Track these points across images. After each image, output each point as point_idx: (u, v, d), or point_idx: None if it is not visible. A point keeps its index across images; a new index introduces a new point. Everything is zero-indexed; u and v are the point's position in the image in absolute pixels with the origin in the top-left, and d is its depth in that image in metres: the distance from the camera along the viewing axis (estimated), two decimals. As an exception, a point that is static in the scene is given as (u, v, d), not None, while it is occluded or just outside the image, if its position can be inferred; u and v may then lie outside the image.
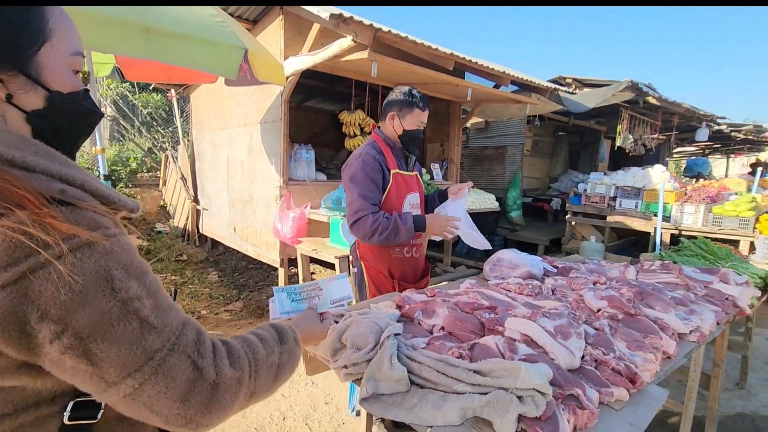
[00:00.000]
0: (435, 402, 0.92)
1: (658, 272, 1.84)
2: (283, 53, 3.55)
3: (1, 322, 0.43)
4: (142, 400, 0.48)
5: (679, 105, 6.20)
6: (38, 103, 0.54)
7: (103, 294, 0.46)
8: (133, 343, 0.48)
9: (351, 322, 1.17)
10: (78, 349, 0.45)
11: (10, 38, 0.51)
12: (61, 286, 0.43)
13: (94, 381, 0.47)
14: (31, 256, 0.43)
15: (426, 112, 1.83)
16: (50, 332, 0.44)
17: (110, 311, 0.46)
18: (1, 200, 0.43)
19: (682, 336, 1.30)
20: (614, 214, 5.44)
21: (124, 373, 0.47)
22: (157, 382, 0.48)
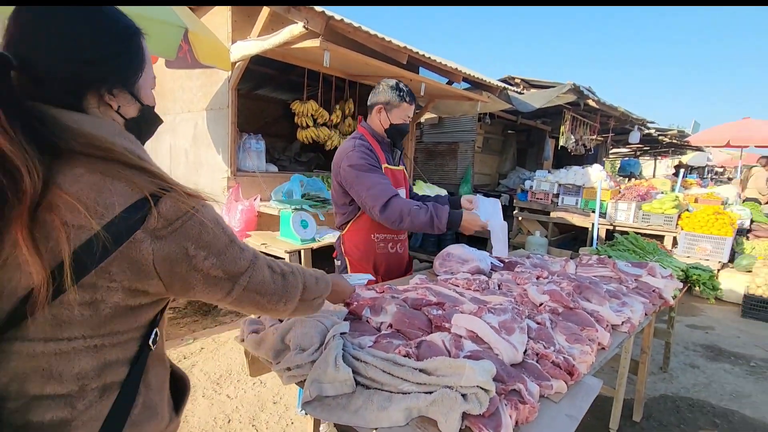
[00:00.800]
0: (380, 403, 0.90)
1: (595, 266, 1.95)
2: (230, 36, 3.36)
3: (171, 253, 0.64)
4: (254, 287, 0.76)
5: (615, 108, 6.64)
6: (133, 113, 0.74)
7: (221, 231, 0.70)
8: (240, 257, 0.73)
9: (295, 322, 1.12)
10: (218, 264, 0.69)
11: (129, 66, 0.71)
12: (201, 228, 0.66)
13: (227, 282, 0.72)
14: (186, 213, 0.64)
15: (412, 106, 1.83)
16: (203, 256, 0.67)
17: (225, 241, 0.70)
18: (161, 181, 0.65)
19: (615, 327, 1.37)
20: (557, 210, 5.74)
21: (241, 272, 0.73)
22: (257, 275, 0.76)
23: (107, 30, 0.67)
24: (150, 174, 0.64)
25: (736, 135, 7.88)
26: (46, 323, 0.58)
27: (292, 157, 5.82)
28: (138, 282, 0.63)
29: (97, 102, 0.67)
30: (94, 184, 0.59)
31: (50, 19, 0.62)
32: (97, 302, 0.60)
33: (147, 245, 0.61)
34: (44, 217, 0.56)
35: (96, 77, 0.66)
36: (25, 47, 0.61)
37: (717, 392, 2.76)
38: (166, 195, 0.62)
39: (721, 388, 2.82)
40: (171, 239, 0.63)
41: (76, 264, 0.57)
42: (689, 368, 3.08)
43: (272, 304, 0.81)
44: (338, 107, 4.51)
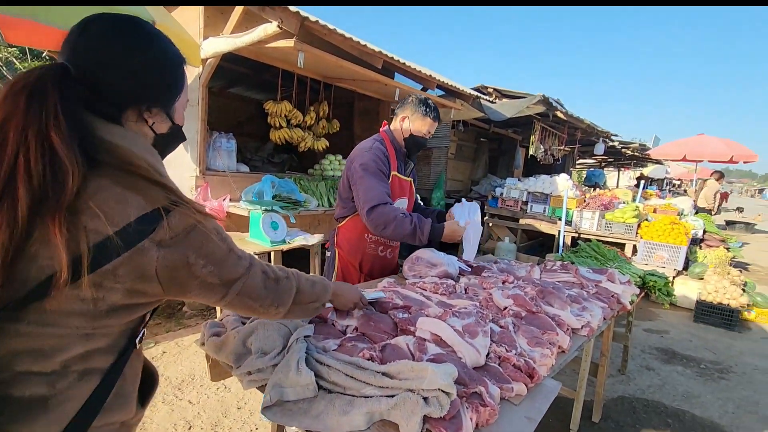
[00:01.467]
0: (342, 407, 0.89)
1: (559, 272, 2.01)
2: (202, 32, 3.28)
3: (175, 261, 0.69)
4: (247, 293, 0.81)
5: (581, 121, 6.90)
6: (164, 129, 0.80)
7: (221, 241, 0.75)
8: (236, 265, 0.79)
9: (257, 325, 1.09)
10: (216, 272, 0.75)
11: (171, 92, 0.79)
12: (204, 239, 0.72)
13: (222, 288, 0.77)
14: (191, 225, 0.70)
15: (436, 123, 1.90)
16: (201, 264, 0.72)
17: (223, 250, 0.76)
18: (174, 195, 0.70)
19: (575, 331, 1.42)
20: (526, 217, 5.90)
21: (235, 278, 0.79)
22: (251, 280, 0.82)
23: (163, 56, 0.75)
24: (166, 189, 0.70)
25: (692, 150, 8.35)
26: (46, 311, 0.62)
27: (264, 158, 5.72)
28: (139, 284, 0.67)
29: (136, 117, 0.75)
30: (116, 196, 0.65)
31: (119, 39, 0.70)
32: (98, 299, 0.65)
33: (153, 252, 0.66)
34: (69, 217, 0.61)
35: (145, 97, 0.74)
36: (89, 61, 0.69)
37: (670, 393, 2.90)
38: (175, 209, 0.68)
39: (674, 389, 2.96)
40: (175, 248, 0.68)
41: (90, 261, 0.61)
42: (645, 370, 3.22)
43: (264, 308, 0.86)
44: (312, 109, 4.48)
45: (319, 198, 4.02)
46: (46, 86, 0.62)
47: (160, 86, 0.76)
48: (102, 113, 0.69)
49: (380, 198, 1.71)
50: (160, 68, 0.75)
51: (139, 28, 0.73)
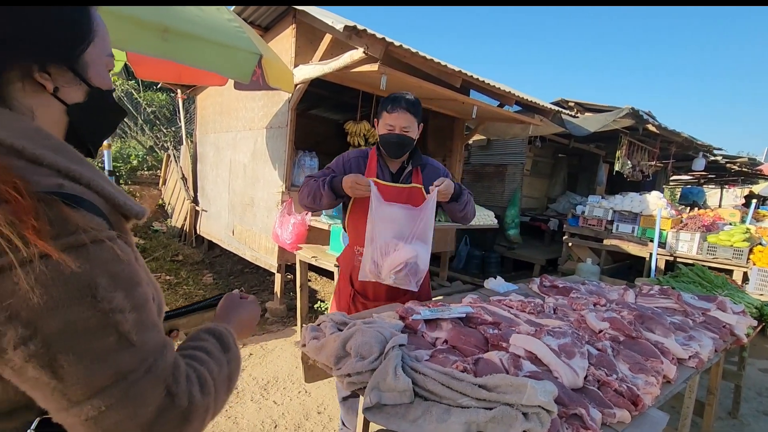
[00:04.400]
0: (439, 415, 0.92)
1: (657, 297, 1.86)
2: (293, 61, 3.59)
3: None
4: (104, 425, 0.43)
5: (677, 134, 6.31)
6: (79, 97, 0.56)
7: (82, 301, 0.42)
8: (107, 360, 0.43)
9: (355, 331, 1.17)
10: (44, 359, 0.41)
11: (65, 36, 0.53)
12: (36, 289, 0.40)
13: (56, 397, 0.42)
14: (2, 255, 0.39)
15: (395, 114, 1.62)
16: (16, 335, 0.40)
17: (87, 321, 0.42)
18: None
19: (681, 361, 1.31)
20: (611, 237, 5.49)
21: (90, 393, 0.43)
22: (126, 406, 0.44)
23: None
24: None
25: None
26: None
27: (341, 175, 6.01)
28: None
29: (21, 83, 0.51)
30: None
31: None
32: None
33: None
34: None
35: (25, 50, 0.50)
36: None
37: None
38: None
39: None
40: None
41: None
42: (763, 416, 2.80)
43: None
44: (389, 128, 4.64)
45: (394, 213, 4.12)
46: None
47: (47, 29, 0.51)
48: None
49: (306, 179, 1.69)
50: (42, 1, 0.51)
51: None
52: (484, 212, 4.87)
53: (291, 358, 3.11)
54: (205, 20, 2.03)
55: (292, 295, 4.29)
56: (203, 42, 2.01)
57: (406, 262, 1.55)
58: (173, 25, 1.88)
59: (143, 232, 5.94)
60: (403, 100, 1.64)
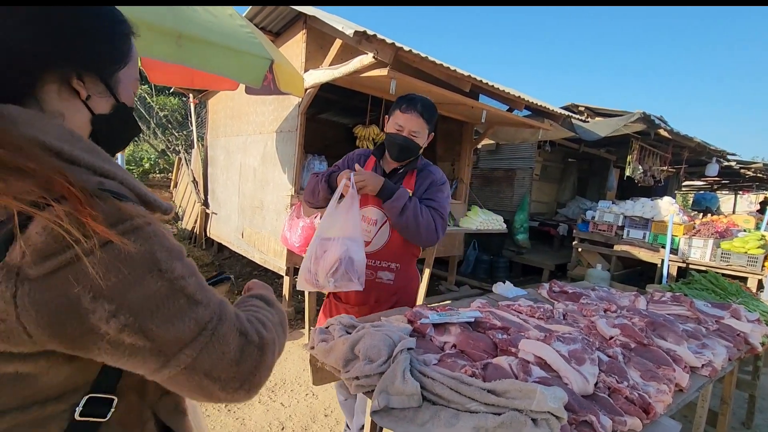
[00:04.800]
0: (447, 419, 0.92)
1: (669, 304, 1.83)
2: (303, 66, 3.62)
3: (52, 305, 0.43)
4: (202, 369, 0.51)
5: (690, 139, 6.23)
6: (105, 109, 0.61)
7: (153, 275, 0.48)
8: (185, 317, 0.50)
9: (364, 334, 1.17)
10: (134, 326, 0.46)
11: (108, 53, 0.59)
12: (109, 271, 0.45)
13: (153, 356, 0.49)
14: (70, 248, 0.43)
15: (407, 115, 1.57)
16: (105, 311, 0.45)
17: (159, 290, 0.48)
18: (47, 192, 0.44)
19: (694, 369, 1.29)
20: (621, 243, 5.43)
21: (182, 345, 0.50)
22: (214, 349, 0.51)
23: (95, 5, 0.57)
24: (47, 181, 0.45)
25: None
26: None
27: (350, 178, 6.04)
28: (23, 345, 0.45)
29: (59, 88, 0.55)
30: None
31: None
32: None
33: (5, 290, 0.42)
34: None
35: (70, 58, 0.54)
36: None
37: (815, 460, 2.42)
38: (39, 213, 0.43)
39: (821, 455, 2.47)
40: (48, 284, 0.43)
41: None
42: (779, 428, 2.73)
43: (226, 394, 0.54)
44: (398, 132, 4.66)
45: (402, 217, 4.13)
46: None
47: (89, 41, 0.56)
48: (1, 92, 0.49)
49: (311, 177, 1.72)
50: (87, 16, 0.55)
51: None
52: (492, 217, 4.85)
53: (299, 361, 3.11)
54: (218, 26, 2.07)
55: (300, 297, 4.31)
56: (216, 47, 2.04)
57: (339, 260, 1.45)
58: (187, 31, 1.92)
59: (154, 234, 6.01)
60: (419, 103, 1.57)
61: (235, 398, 0.56)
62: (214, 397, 0.55)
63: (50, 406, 0.50)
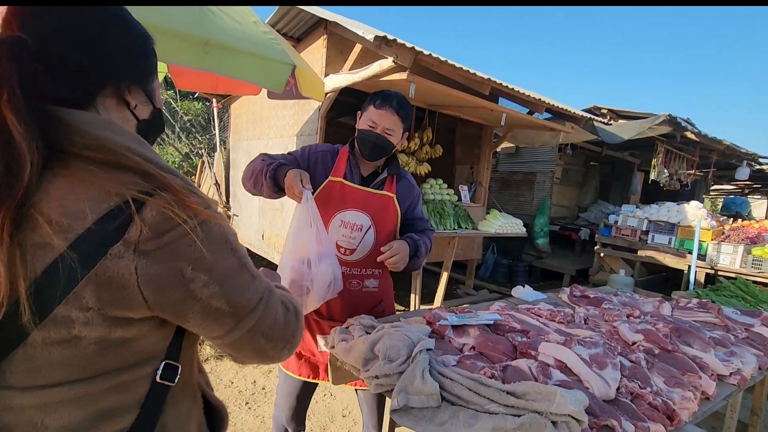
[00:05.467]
0: (466, 420, 0.93)
1: (696, 310, 1.79)
2: (323, 70, 3.68)
3: (162, 274, 0.52)
4: (260, 330, 0.63)
5: (719, 142, 6.04)
6: (146, 115, 0.68)
7: (229, 252, 0.58)
8: (250, 288, 0.61)
9: (384, 334, 1.19)
10: (220, 293, 0.57)
11: (148, 66, 0.67)
12: (204, 245, 0.54)
13: (230, 319, 0.59)
14: (179, 225, 0.52)
15: (382, 111, 1.44)
16: (201, 280, 0.55)
17: (233, 264, 0.59)
18: (153, 184, 0.54)
19: (722, 378, 1.25)
20: (646, 248, 5.29)
21: (249, 309, 0.61)
22: (269, 314, 0.64)
23: (135, 25, 0.63)
24: (144, 175, 0.53)
25: None
26: (21, 368, 0.49)
27: (368, 181, 6.08)
28: (121, 308, 0.52)
29: (116, 101, 0.62)
30: (62, 190, 0.50)
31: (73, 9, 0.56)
32: (76, 339, 0.50)
33: (128, 263, 0.50)
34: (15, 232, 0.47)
35: (122, 74, 0.61)
36: (48, 30, 0.53)
37: None
38: (150, 200, 0.51)
39: None
40: (160, 256, 0.52)
41: (41, 293, 0.47)
42: (815, 444, 2.61)
43: (275, 352, 0.67)
44: (417, 135, 4.67)
45: (420, 220, 4.13)
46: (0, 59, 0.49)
47: (135, 59, 0.64)
48: (67, 99, 0.55)
49: (258, 156, 1.46)
50: (133, 37, 0.63)
51: None
52: (512, 220, 4.80)
53: (317, 362, 3.15)
54: (243, 33, 2.13)
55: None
56: (242, 54, 2.10)
57: (331, 281, 1.33)
58: (214, 38, 1.98)
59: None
60: (394, 99, 1.46)
61: (280, 356, 0.69)
62: (265, 356, 0.67)
63: (139, 369, 0.58)
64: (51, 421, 0.52)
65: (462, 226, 4.48)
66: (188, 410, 0.67)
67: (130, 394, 0.57)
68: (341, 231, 1.49)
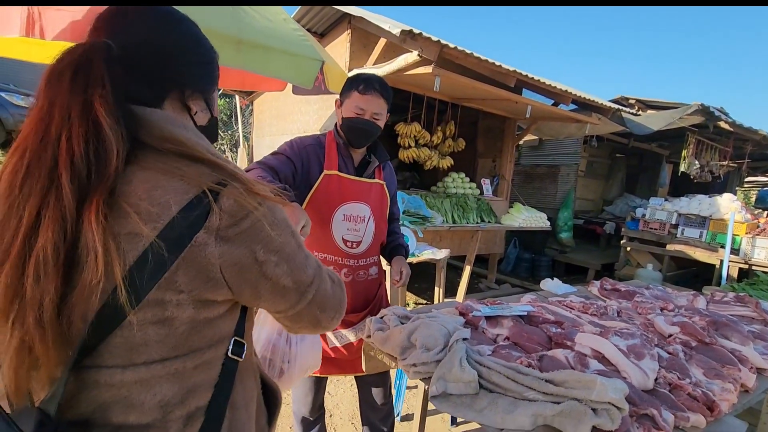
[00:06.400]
0: (505, 407, 0.95)
1: (732, 304, 1.76)
2: (347, 65, 3.71)
3: (240, 257, 0.58)
4: (317, 302, 0.69)
5: (754, 132, 5.81)
6: (203, 122, 0.73)
7: (290, 235, 0.64)
8: (307, 266, 0.67)
9: (420, 324, 1.22)
10: (288, 271, 0.63)
11: (210, 79, 0.72)
12: (272, 229, 0.60)
13: (295, 294, 0.66)
14: (251, 211, 0.58)
15: (368, 96, 1.43)
16: (273, 262, 0.61)
17: (294, 246, 0.65)
18: (223, 175, 0.58)
19: (761, 371, 1.24)
20: (675, 242, 5.16)
21: (308, 283, 0.67)
22: (322, 287, 0.70)
23: (203, 39, 0.70)
24: (212, 166, 0.58)
25: None
26: (119, 348, 0.54)
27: (389, 175, 6.11)
28: (207, 292, 0.57)
29: (180, 104, 0.67)
30: (146, 181, 0.54)
31: (159, 18, 0.64)
32: (169, 320, 0.55)
33: (212, 249, 0.55)
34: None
35: (187, 81, 0.67)
36: (130, 38, 0.60)
37: None
38: (224, 190, 0.56)
39: None
40: (239, 241, 0.57)
41: (134, 279, 0.52)
42: None
43: (327, 321, 0.73)
44: (439, 129, 4.66)
45: (443, 214, 4.14)
46: (93, 59, 0.54)
47: (200, 69, 0.69)
48: (142, 99, 0.61)
49: (251, 167, 1.37)
50: (201, 50, 0.69)
51: (175, 11, 0.68)
52: (536, 214, 4.75)
53: (343, 352, 3.21)
54: (273, 30, 2.17)
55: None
56: (273, 51, 2.15)
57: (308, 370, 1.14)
58: (247, 37, 2.03)
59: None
60: (377, 83, 1.45)
61: (331, 325, 0.74)
62: (320, 326, 0.73)
63: (219, 347, 0.63)
64: (148, 397, 0.56)
65: (485, 219, 4.47)
66: (251, 388, 0.72)
67: (211, 371, 0.62)
68: (345, 225, 1.48)
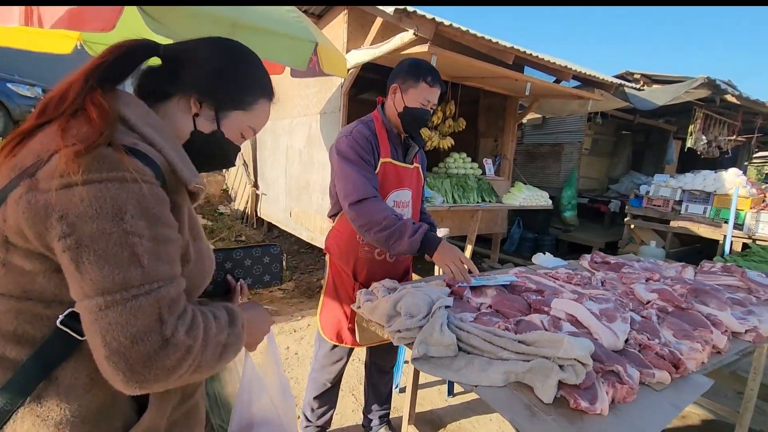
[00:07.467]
0: (481, 366, 1.02)
1: (719, 274, 1.79)
2: (345, 46, 3.71)
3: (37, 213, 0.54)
4: (101, 323, 0.53)
5: (763, 105, 5.69)
6: (206, 130, 0.77)
7: (111, 218, 0.54)
8: (116, 269, 0.54)
9: (405, 293, 1.28)
10: (73, 252, 0.53)
11: (229, 97, 0.77)
12: (81, 201, 0.53)
13: (75, 287, 0.55)
14: (71, 174, 0.53)
15: (434, 89, 1.50)
16: (60, 231, 0.53)
17: (110, 233, 0.54)
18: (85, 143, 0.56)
19: (737, 335, 1.28)
20: (678, 218, 5.14)
21: (96, 290, 0.53)
22: (121, 313, 0.53)
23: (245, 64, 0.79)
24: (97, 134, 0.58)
25: None
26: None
27: (392, 157, 6.12)
28: (25, 242, 0.57)
29: (185, 101, 0.75)
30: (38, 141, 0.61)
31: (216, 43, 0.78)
32: (8, 262, 0.59)
33: (23, 195, 0.55)
34: None
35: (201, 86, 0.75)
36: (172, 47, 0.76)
37: None
38: (66, 149, 0.55)
39: None
40: (41, 195, 0.54)
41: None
42: None
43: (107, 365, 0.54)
44: (439, 109, 4.65)
45: (444, 194, 4.17)
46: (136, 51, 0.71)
47: (222, 83, 0.75)
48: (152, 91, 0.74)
49: (363, 191, 1.41)
50: (234, 70, 0.77)
51: (242, 46, 0.80)
52: (537, 192, 4.76)
53: (346, 329, 3.31)
54: (268, 12, 2.19)
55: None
56: (266, 33, 2.17)
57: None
58: (241, 18, 2.05)
59: (210, 215, 6.47)
60: (438, 74, 1.52)
61: (113, 378, 0.54)
62: (99, 363, 0.55)
63: (41, 306, 0.59)
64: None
65: (486, 199, 4.49)
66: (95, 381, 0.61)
67: (33, 327, 0.59)
68: (396, 210, 1.53)
